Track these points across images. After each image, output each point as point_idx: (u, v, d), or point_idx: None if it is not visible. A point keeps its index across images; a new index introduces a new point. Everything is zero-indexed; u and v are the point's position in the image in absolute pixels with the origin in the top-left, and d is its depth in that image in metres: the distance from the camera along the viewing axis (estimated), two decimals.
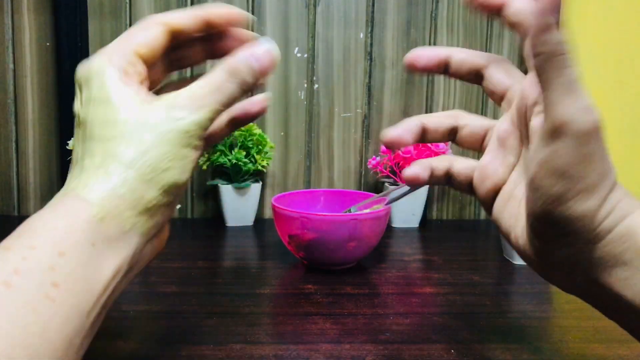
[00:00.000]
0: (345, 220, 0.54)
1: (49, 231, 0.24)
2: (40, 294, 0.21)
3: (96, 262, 0.24)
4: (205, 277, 0.56)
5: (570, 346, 0.41)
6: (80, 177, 0.26)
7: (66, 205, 0.25)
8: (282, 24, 0.84)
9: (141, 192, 0.26)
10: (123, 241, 0.26)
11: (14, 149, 0.83)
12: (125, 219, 0.26)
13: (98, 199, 0.25)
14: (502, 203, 0.30)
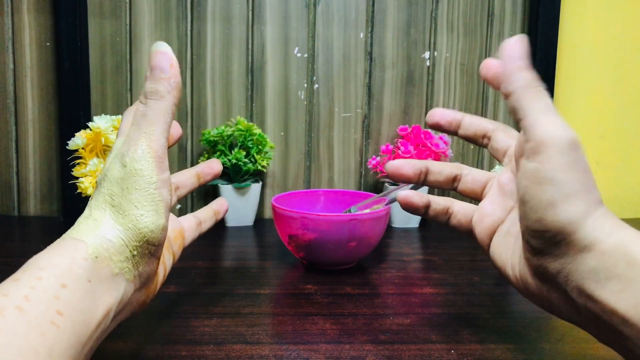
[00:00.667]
0: (345, 220, 0.54)
1: (52, 266, 0.26)
2: (47, 320, 0.24)
3: (92, 298, 0.27)
4: (205, 277, 0.56)
5: (570, 346, 0.41)
6: (73, 228, 0.30)
7: (66, 246, 0.28)
8: (282, 24, 0.84)
9: (126, 240, 0.29)
10: (113, 283, 0.29)
11: (14, 149, 0.83)
12: (114, 262, 0.29)
13: (93, 240, 0.28)
14: (499, 240, 0.34)
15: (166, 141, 0.31)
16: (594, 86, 0.91)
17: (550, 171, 0.26)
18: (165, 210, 0.31)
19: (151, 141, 0.30)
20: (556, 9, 0.85)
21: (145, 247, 0.30)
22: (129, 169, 0.30)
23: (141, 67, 0.82)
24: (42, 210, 0.84)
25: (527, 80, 0.28)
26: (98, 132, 0.59)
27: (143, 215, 0.30)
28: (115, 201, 0.30)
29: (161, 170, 0.31)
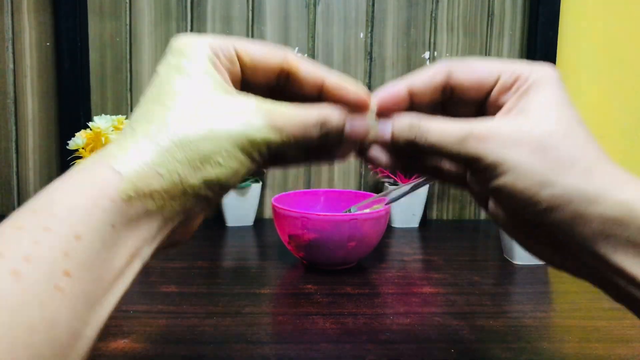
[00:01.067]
0: (345, 220, 0.54)
1: (68, 210, 0.21)
2: (50, 286, 0.19)
3: (112, 247, 0.22)
4: (205, 277, 0.56)
5: (570, 346, 0.41)
6: (121, 143, 0.23)
7: (93, 177, 0.22)
8: (282, 24, 0.84)
9: (182, 176, 0.23)
10: (145, 222, 0.23)
11: (14, 149, 0.83)
12: (154, 199, 0.23)
13: (132, 173, 0.22)
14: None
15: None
16: (593, 86, 0.91)
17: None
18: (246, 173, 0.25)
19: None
20: (556, 9, 0.85)
21: (211, 191, 0.24)
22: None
23: (141, 67, 0.82)
24: None
25: (409, 125, 0.26)
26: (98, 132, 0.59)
27: (223, 166, 0.24)
28: None
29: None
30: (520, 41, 0.88)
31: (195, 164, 0.23)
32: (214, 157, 0.23)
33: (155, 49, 0.82)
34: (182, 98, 0.24)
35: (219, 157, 0.23)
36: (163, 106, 0.24)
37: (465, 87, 0.28)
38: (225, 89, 0.25)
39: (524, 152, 0.24)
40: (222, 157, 0.23)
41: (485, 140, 0.25)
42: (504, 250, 0.66)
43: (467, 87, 0.28)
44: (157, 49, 0.82)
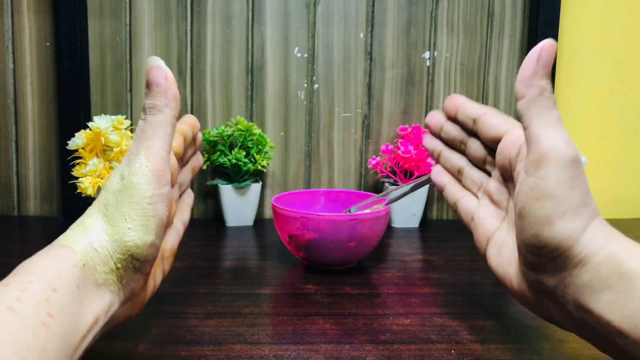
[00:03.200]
0: (345, 220, 0.54)
1: (42, 270, 0.26)
2: (38, 321, 0.24)
3: (80, 304, 0.27)
4: (205, 277, 0.56)
5: (570, 346, 0.41)
6: (64, 233, 0.30)
7: (55, 252, 0.28)
8: (282, 24, 0.84)
9: (110, 251, 0.29)
10: (98, 294, 0.29)
11: (14, 149, 0.83)
12: (99, 272, 0.29)
13: (80, 248, 0.28)
14: (496, 251, 0.33)
15: (168, 155, 0.31)
16: (593, 86, 0.91)
17: (550, 187, 0.26)
18: (157, 226, 0.31)
19: (150, 154, 0.30)
20: (556, 9, 0.85)
21: (129, 262, 0.30)
22: (126, 182, 0.30)
23: (141, 67, 0.82)
24: (42, 210, 0.84)
25: (540, 89, 0.27)
26: (98, 132, 0.59)
27: (131, 229, 0.29)
28: (108, 211, 0.30)
29: (159, 185, 0.30)
30: (520, 41, 0.88)
31: (115, 237, 0.29)
32: (123, 224, 0.29)
33: (155, 49, 0.82)
34: (118, 202, 0.30)
35: (128, 220, 0.30)
36: (104, 205, 0.30)
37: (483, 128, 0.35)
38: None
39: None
40: (130, 219, 0.30)
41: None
42: None
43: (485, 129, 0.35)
44: (157, 49, 0.82)
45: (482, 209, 0.36)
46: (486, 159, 0.36)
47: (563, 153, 0.26)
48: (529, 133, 0.27)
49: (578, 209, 0.26)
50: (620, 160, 0.93)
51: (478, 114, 0.35)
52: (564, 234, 0.26)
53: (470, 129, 0.36)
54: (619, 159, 0.93)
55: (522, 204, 0.27)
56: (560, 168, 0.26)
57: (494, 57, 0.88)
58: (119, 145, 0.60)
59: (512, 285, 0.31)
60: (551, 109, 0.27)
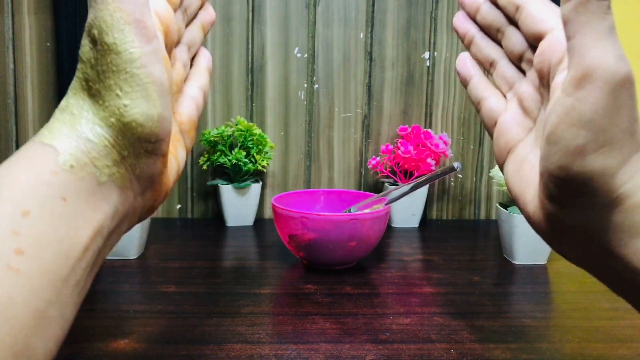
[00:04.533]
0: (345, 220, 0.54)
1: (9, 187, 0.20)
2: (1, 266, 0.18)
3: (70, 221, 0.21)
4: (205, 277, 0.56)
5: (570, 346, 0.41)
6: (49, 125, 0.23)
7: (29, 155, 0.22)
8: (282, 24, 0.84)
9: (111, 139, 0.23)
10: (100, 195, 0.23)
11: (14, 149, 0.83)
12: (99, 168, 0.23)
13: (64, 144, 0.22)
14: (515, 166, 0.29)
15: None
16: None
17: (589, 112, 0.21)
18: (159, 94, 0.23)
19: (122, 0, 0.22)
20: None
21: (137, 145, 0.24)
22: (100, 45, 0.22)
23: None
24: None
25: None
26: None
27: (127, 106, 0.23)
28: (92, 88, 0.23)
29: (146, 39, 0.23)
30: None
31: (111, 120, 0.23)
32: (114, 97, 0.23)
33: None
34: (100, 75, 0.23)
35: (117, 90, 0.23)
36: (85, 82, 0.24)
37: (525, 20, 0.29)
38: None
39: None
40: (118, 89, 0.23)
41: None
42: (504, 250, 0.66)
43: (527, 21, 0.28)
44: None
45: (509, 114, 0.30)
46: (524, 55, 0.30)
47: (612, 71, 0.21)
48: (572, 44, 0.22)
49: (619, 141, 0.22)
50: None
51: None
52: (598, 169, 0.22)
53: (512, 17, 0.30)
54: None
55: (554, 128, 0.22)
56: (605, 90, 0.21)
57: None
58: None
59: (526, 210, 0.27)
60: (604, 15, 0.22)
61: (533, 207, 0.26)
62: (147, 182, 0.25)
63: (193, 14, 0.32)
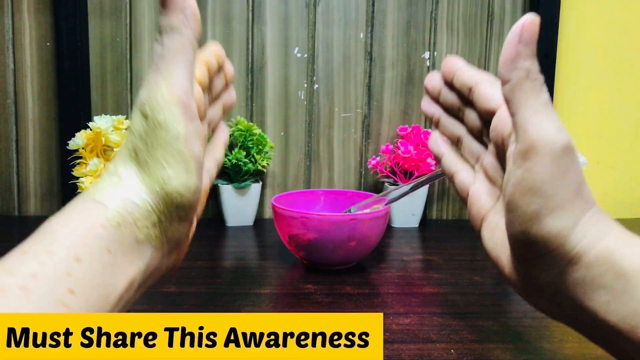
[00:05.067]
0: (345, 220, 0.54)
1: (65, 236, 0.23)
2: (55, 301, 0.21)
3: (111, 271, 0.24)
4: (205, 277, 0.56)
5: (570, 346, 0.41)
6: (96, 184, 0.26)
7: (83, 209, 0.25)
8: (282, 24, 0.84)
9: (152, 203, 0.26)
10: (137, 252, 0.26)
11: (14, 149, 0.83)
12: (139, 228, 0.26)
13: (114, 204, 0.25)
14: (489, 232, 0.31)
15: (191, 84, 0.27)
16: (594, 86, 0.91)
17: (538, 181, 0.23)
18: (197, 168, 0.27)
19: (172, 85, 0.26)
20: (556, 9, 0.85)
21: (174, 212, 0.27)
22: (151, 121, 0.26)
23: (141, 67, 0.82)
24: (42, 210, 0.84)
25: (526, 71, 0.24)
26: (98, 132, 0.59)
27: (171, 177, 0.26)
28: (140, 158, 0.26)
29: (189, 119, 0.26)
30: None
31: (156, 188, 0.26)
32: (160, 169, 0.26)
33: None
34: (149, 147, 0.27)
35: (163, 163, 0.26)
36: (134, 151, 0.27)
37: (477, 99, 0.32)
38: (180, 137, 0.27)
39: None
40: (165, 162, 0.26)
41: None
42: None
43: (478, 101, 0.32)
44: None
45: (477, 185, 0.32)
46: (483, 130, 0.32)
47: (553, 142, 0.23)
48: (515, 120, 0.24)
49: (569, 203, 0.24)
50: (620, 160, 0.93)
51: (475, 81, 0.31)
52: (553, 231, 0.24)
53: (467, 97, 0.32)
54: (619, 159, 0.93)
55: (510, 197, 0.25)
56: (550, 160, 0.23)
57: (494, 57, 0.88)
58: (119, 145, 0.60)
59: (504, 272, 0.29)
60: (538, 92, 0.24)
61: (509, 269, 0.28)
62: (174, 245, 0.29)
63: (217, 95, 0.36)
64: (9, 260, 0.22)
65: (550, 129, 0.23)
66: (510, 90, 0.24)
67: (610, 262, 0.24)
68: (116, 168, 0.27)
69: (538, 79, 0.24)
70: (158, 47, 0.27)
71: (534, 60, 0.24)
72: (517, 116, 0.24)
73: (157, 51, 0.27)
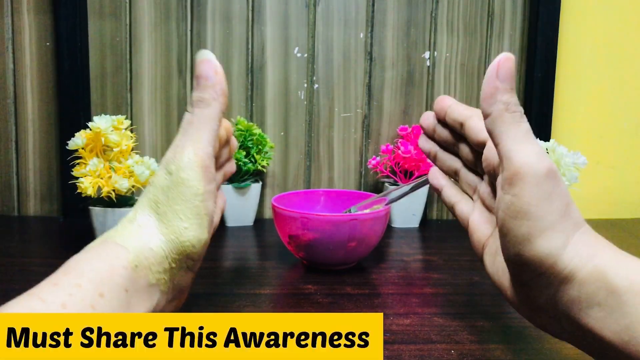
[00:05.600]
0: (345, 220, 0.54)
1: (93, 272, 0.26)
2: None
3: (126, 308, 0.27)
4: (205, 277, 0.56)
5: (570, 346, 0.40)
6: (116, 229, 0.29)
7: (107, 250, 0.28)
8: (282, 24, 0.84)
9: (167, 251, 0.29)
10: (148, 293, 0.28)
11: (14, 149, 0.83)
12: (152, 272, 0.28)
13: (133, 247, 0.28)
14: (490, 258, 0.32)
15: (213, 150, 0.31)
16: (594, 86, 0.91)
17: (525, 205, 0.25)
18: (209, 224, 0.31)
19: (197, 149, 0.30)
20: (556, 9, 0.85)
21: (184, 261, 0.30)
22: (175, 178, 0.29)
23: (141, 67, 0.82)
24: (42, 210, 0.84)
25: (505, 104, 0.26)
26: (98, 132, 0.59)
27: (187, 229, 0.29)
28: (160, 209, 0.29)
29: (208, 180, 0.30)
30: (520, 41, 0.88)
31: (172, 237, 0.29)
32: (179, 223, 0.29)
33: (155, 49, 0.82)
34: (169, 200, 0.30)
35: (183, 218, 0.29)
36: (154, 203, 0.30)
37: (468, 133, 0.33)
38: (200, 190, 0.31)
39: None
40: (185, 217, 0.29)
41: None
42: None
43: (469, 134, 0.33)
44: (157, 49, 0.82)
45: (476, 214, 0.34)
46: (477, 162, 0.34)
47: (536, 168, 0.25)
48: (499, 150, 0.26)
49: (558, 224, 0.25)
50: (620, 160, 0.93)
51: (465, 116, 0.34)
52: (544, 252, 0.25)
53: (459, 132, 0.35)
54: (619, 159, 0.93)
55: (501, 222, 0.26)
56: (534, 184, 0.25)
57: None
58: (119, 145, 0.60)
59: (507, 296, 0.30)
60: (518, 122, 0.26)
61: (511, 292, 0.30)
62: (178, 292, 0.31)
63: (221, 165, 0.39)
64: (42, 290, 0.24)
65: (532, 156, 0.25)
66: (492, 122, 0.26)
67: (602, 280, 0.24)
68: (136, 216, 0.30)
69: (517, 110, 0.26)
70: (188, 115, 0.31)
71: (512, 94, 0.26)
72: (501, 146, 0.26)
73: (187, 118, 0.31)
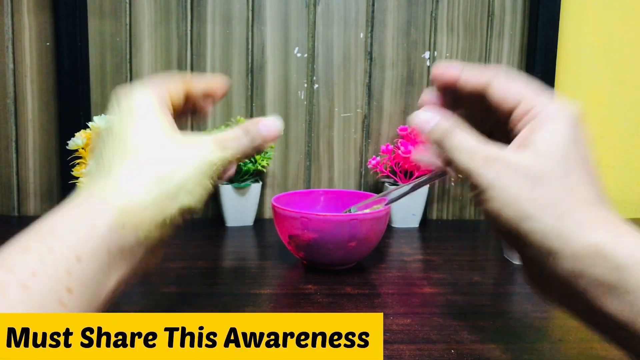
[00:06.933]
0: (345, 220, 0.54)
1: (69, 233, 0.23)
2: (54, 299, 0.22)
3: (108, 270, 0.24)
4: (205, 277, 0.56)
5: (571, 346, 0.41)
6: (107, 181, 0.26)
7: (90, 207, 0.25)
8: (282, 24, 0.84)
9: (163, 206, 0.26)
10: (131, 254, 0.26)
11: (14, 149, 0.83)
12: (143, 229, 0.26)
13: (124, 205, 0.25)
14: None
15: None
16: (594, 86, 0.91)
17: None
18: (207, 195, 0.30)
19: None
20: (556, 9, 0.85)
21: (183, 214, 0.27)
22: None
23: (141, 67, 0.82)
24: (42, 210, 0.84)
25: (443, 130, 0.28)
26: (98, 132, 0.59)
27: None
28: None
29: (222, 149, 0.29)
30: (520, 41, 0.88)
31: (171, 195, 0.26)
32: (185, 187, 0.27)
33: (155, 49, 0.82)
34: (147, 144, 0.28)
35: (190, 185, 0.27)
36: (133, 152, 0.27)
37: (493, 101, 0.28)
38: (176, 130, 0.29)
39: (515, 184, 0.25)
40: (191, 184, 0.27)
41: (488, 162, 0.26)
42: (504, 250, 0.66)
43: (494, 102, 0.28)
44: (157, 49, 0.82)
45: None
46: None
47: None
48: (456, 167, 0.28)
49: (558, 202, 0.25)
50: (620, 160, 0.93)
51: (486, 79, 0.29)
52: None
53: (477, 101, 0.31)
54: (619, 159, 0.93)
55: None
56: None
57: (494, 57, 0.88)
58: None
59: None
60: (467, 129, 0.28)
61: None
62: (160, 246, 0.29)
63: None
64: (9, 257, 0.22)
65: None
66: (438, 146, 0.28)
67: (601, 255, 0.23)
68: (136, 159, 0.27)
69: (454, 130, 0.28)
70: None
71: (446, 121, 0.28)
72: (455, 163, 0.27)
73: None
